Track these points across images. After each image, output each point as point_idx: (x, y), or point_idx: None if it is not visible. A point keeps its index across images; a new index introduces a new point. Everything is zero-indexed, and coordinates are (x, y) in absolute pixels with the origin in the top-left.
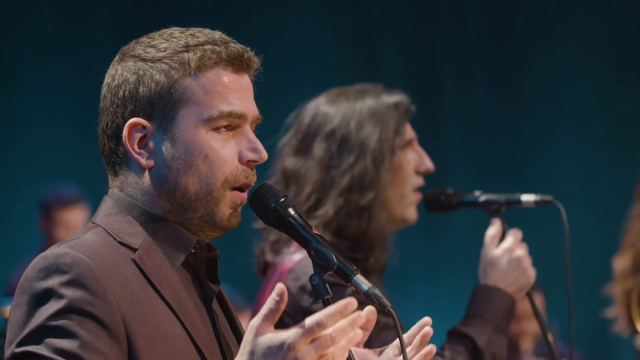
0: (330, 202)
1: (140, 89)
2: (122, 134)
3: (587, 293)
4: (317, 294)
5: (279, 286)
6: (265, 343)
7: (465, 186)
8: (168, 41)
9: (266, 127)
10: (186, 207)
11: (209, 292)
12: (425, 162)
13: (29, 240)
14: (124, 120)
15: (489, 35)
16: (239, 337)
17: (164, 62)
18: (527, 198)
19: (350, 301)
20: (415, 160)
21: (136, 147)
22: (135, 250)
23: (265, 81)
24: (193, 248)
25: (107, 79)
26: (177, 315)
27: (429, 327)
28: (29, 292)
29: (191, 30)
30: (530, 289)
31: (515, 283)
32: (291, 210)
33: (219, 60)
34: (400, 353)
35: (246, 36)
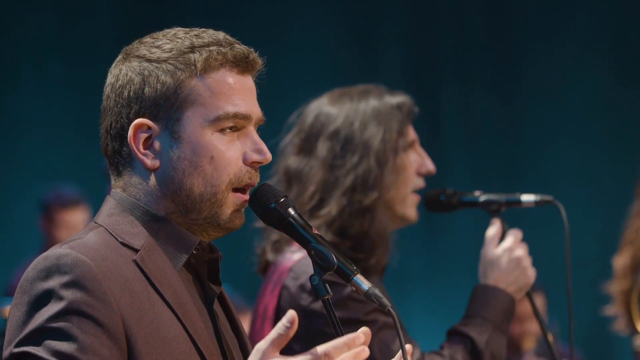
0: (333, 202)
1: (146, 90)
2: (127, 134)
3: (588, 293)
4: (317, 294)
5: (290, 313)
6: None
7: (465, 186)
8: (173, 42)
9: (266, 127)
10: (190, 208)
11: (210, 293)
12: (427, 164)
13: (29, 240)
14: (129, 121)
15: (488, 35)
16: (240, 339)
17: (169, 63)
18: (527, 198)
19: (358, 336)
20: (417, 162)
21: (141, 148)
22: (136, 251)
23: (265, 81)
24: (195, 249)
25: (111, 78)
26: (178, 316)
27: None
28: (29, 292)
29: (195, 30)
30: (531, 289)
31: (515, 283)
32: (291, 211)
33: (224, 61)
34: None
35: (246, 36)
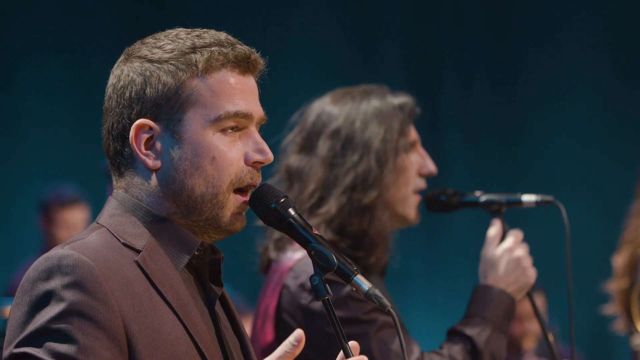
0: (333, 200)
1: (147, 90)
2: (129, 135)
3: (588, 293)
4: (318, 294)
5: (298, 332)
6: None
7: (465, 186)
8: (174, 42)
9: (267, 127)
10: (192, 209)
11: (211, 295)
12: (428, 165)
13: (29, 240)
14: (131, 122)
15: (489, 36)
16: (242, 340)
17: (171, 64)
18: (528, 198)
19: (362, 358)
20: (418, 163)
21: (143, 149)
22: (138, 251)
23: (265, 81)
24: (197, 250)
25: (112, 79)
26: (180, 317)
27: None
28: (30, 293)
29: (197, 31)
30: (531, 289)
31: (515, 283)
32: (291, 211)
33: (226, 61)
34: None
35: (247, 36)
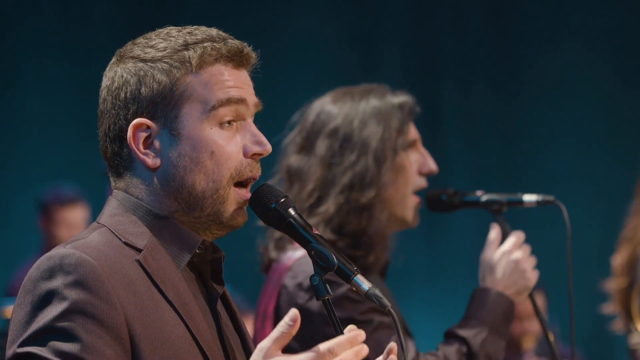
0: (331, 200)
1: (142, 90)
2: (126, 135)
3: (588, 293)
4: (318, 294)
5: (293, 311)
6: None
7: (465, 186)
8: (166, 40)
9: (267, 126)
10: (193, 206)
11: (213, 293)
12: (429, 164)
13: (29, 240)
14: (127, 122)
15: (488, 36)
16: (243, 339)
17: (164, 62)
18: (529, 198)
19: (360, 333)
20: (419, 162)
21: (141, 148)
22: (140, 250)
23: (266, 81)
24: (198, 248)
25: (106, 81)
26: (181, 316)
27: (394, 356)
28: (33, 292)
29: (188, 28)
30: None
31: (513, 285)
32: (291, 211)
33: (219, 56)
34: None
35: (247, 36)
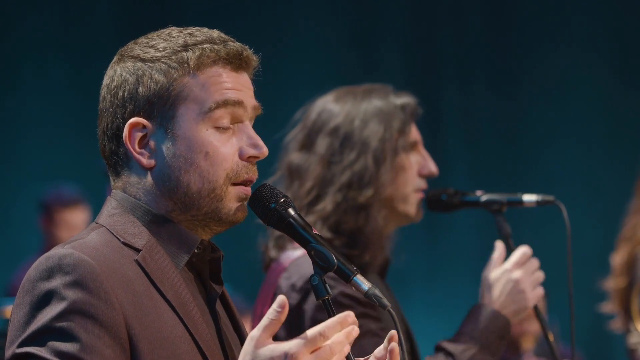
0: (329, 198)
1: (140, 89)
2: (123, 134)
3: (588, 293)
4: (317, 294)
5: (280, 298)
6: (267, 354)
7: (465, 186)
8: (166, 41)
9: (267, 126)
10: (189, 205)
11: (212, 293)
12: (429, 166)
13: (29, 240)
14: (124, 121)
15: (489, 36)
16: (242, 339)
17: (162, 62)
18: (529, 198)
19: (349, 313)
20: (419, 163)
21: (137, 147)
22: (138, 250)
23: (266, 81)
24: (197, 248)
25: (106, 80)
26: (180, 316)
27: (395, 343)
28: (32, 293)
29: (189, 29)
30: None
31: (511, 305)
32: (291, 211)
33: (217, 58)
34: None
35: (247, 37)
